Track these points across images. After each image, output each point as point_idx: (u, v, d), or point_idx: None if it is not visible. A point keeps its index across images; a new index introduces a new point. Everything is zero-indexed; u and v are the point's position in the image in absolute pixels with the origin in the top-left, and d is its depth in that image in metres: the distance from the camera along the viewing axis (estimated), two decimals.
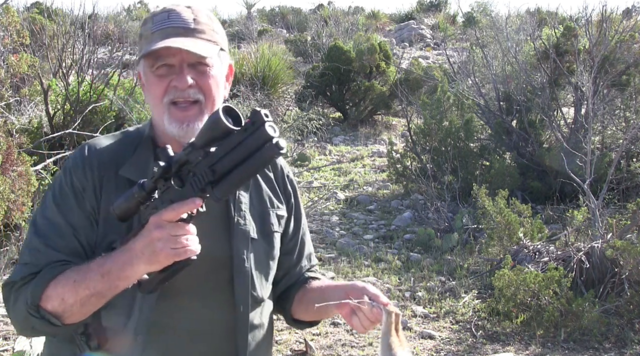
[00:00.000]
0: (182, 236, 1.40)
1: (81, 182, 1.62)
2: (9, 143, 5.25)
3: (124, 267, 1.45)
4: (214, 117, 1.37)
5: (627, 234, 5.11)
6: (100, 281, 1.47)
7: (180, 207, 1.38)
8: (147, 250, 1.41)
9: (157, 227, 1.39)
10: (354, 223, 7.31)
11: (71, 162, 1.67)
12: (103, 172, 1.63)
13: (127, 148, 1.68)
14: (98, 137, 1.75)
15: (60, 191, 1.64)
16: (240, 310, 1.67)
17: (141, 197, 1.47)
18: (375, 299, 1.56)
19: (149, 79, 1.64)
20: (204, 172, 1.37)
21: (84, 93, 7.29)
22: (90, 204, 1.61)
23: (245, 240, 1.69)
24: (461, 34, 20.05)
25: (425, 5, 26.12)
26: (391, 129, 11.84)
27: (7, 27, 6.75)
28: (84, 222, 1.60)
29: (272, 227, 1.78)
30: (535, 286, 4.65)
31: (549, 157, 7.37)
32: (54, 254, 1.57)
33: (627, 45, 8.15)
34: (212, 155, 1.37)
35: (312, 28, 18.69)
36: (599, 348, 4.49)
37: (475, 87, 8.71)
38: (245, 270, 1.68)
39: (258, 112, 1.33)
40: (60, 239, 1.59)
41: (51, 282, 1.52)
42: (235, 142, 1.34)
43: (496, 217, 5.43)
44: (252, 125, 1.32)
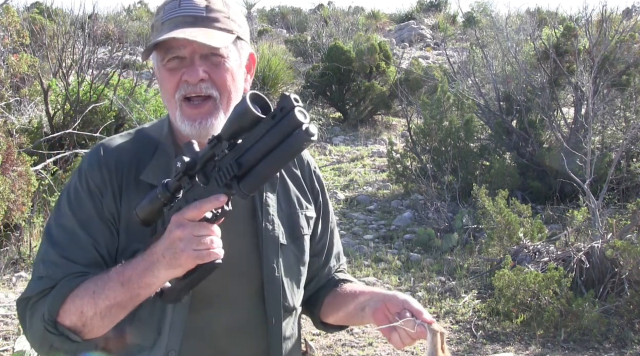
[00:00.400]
0: (206, 237, 1.30)
1: (98, 185, 1.49)
2: (9, 143, 5.26)
3: (144, 273, 1.34)
4: (240, 105, 1.26)
5: (627, 234, 5.11)
6: (120, 291, 1.36)
7: (203, 204, 1.28)
8: (168, 253, 1.30)
9: (178, 226, 1.29)
10: (354, 223, 7.31)
11: (86, 163, 1.53)
12: (122, 174, 1.51)
13: (145, 148, 1.55)
14: (112, 137, 1.61)
15: (75, 196, 1.50)
16: (273, 322, 1.57)
17: (165, 198, 1.36)
18: (418, 316, 1.44)
19: (160, 73, 1.52)
20: (229, 166, 1.27)
21: (84, 93, 7.29)
22: (110, 210, 1.49)
23: (274, 246, 1.58)
24: (461, 34, 20.05)
25: (425, 5, 26.12)
26: (391, 129, 11.83)
27: (7, 27, 6.75)
28: (103, 230, 1.48)
29: (302, 230, 1.66)
30: (535, 286, 4.65)
31: (549, 157, 7.37)
32: (71, 266, 1.45)
33: (627, 45, 8.15)
34: (239, 148, 1.27)
35: (312, 28, 18.69)
36: (599, 348, 4.49)
37: (475, 87, 8.71)
38: (276, 280, 1.57)
39: (287, 96, 1.22)
40: (78, 250, 1.46)
41: (69, 296, 1.40)
42: (263, 131, 1.24)
43: (496, 217, 5.43)
44: (280, 112, 1.21)
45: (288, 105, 1.21)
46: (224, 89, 1.50)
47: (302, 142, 1.20)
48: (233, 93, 1.52)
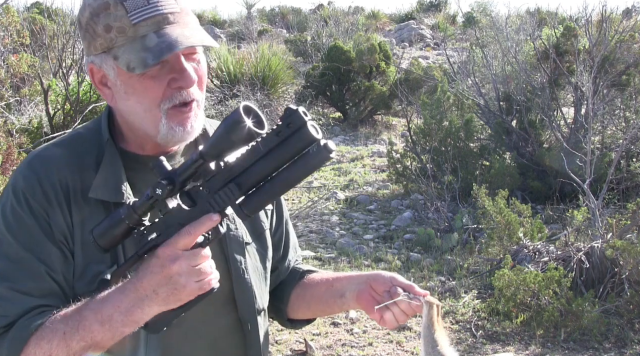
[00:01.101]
0: (203, 264, 1.19)
1: (41, 204, 1.30)
2: (9, 143, 5.26)
3: (130, 310, 1.21)
4: (233, 118, 1.14)
5: (627, 234, 5.11)
6: (99, 330, 1.22)
7: (196, 228, 1.17)
8: (163, 290, 1.18)
9: (173, 260, 1.17)
10: (354, 223, 7.31)
11: (22, 181, 1.32)
12: (67, 186, 1.33)
13: (86, 154, 1.38)
14: (44, 146, 1.41)
15: (15, 219, 1.30)
16: (249, 328, 1.50)
17: (132, 221, 1.22)
18: (410, 290, 1.40)
19: (134, 83, 1.31)
20: (229, 189, 1.16)
21: (84, 93, 7.29)
22: (60, 230, 1.31)
23: (239, 247, 1.48)
24: (461, 34, 20.04)
25: (425, 5, 26.12)
26: (391, 129, 11.83)
27: (7, 27, 6.75)
28: (55, 253, 1.31)
29: (263, 224, 1.57)
30: (535, 286, 4.65)
31: (549, 157, 7.37)
32: (26, 300, 1.27)
33: (627, 45, 8.15)
34: (233, 166, 1.16)
35: (312, 28, 18.68)
36: (599, 348, 4.49)
37: (475, 87, 8.71)
38: (245, 282, 1.48)
39: (295, 111, 1.11)
40: (30, 280, 1.28)
41: (31, 337, 1.24)
42: (265, 149, 1.12)
43: (496, 217, 5.43)
44: (288, 127, 1.11)
45: (297, 121, 1.11)
46: (203, 88, 1.38)
47: (323, 160, 1.11)
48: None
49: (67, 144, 1.41)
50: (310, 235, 6.79)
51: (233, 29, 20.10)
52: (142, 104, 1.32)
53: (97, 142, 1.40)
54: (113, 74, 1.33)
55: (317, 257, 6.10)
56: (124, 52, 1.28)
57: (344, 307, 1.54)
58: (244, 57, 12.15)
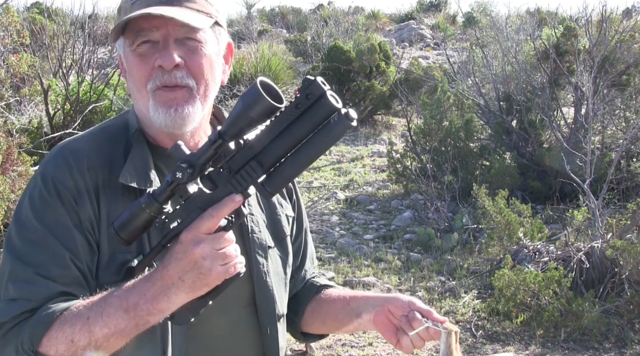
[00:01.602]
0: (227, 247, 1.17)
1: (70, 191, 1.29)
2: (9, 143, 5.26)
3: (156, 299, 1.18)
4: (251, 94, 1.09)
5: (627, 234, 5.11)
6: (124, 318, 1.19)
7: (218, 210, 1.14)
8: (189, 276, 1.15)
9: (196, 244, 1.14)
10: (354, 223, 7.31)
11: (51, 168, 1.32)
12: (96, 177, 1.32)
13: (115, 146, 1.38)
14: (72, 138, 1.42)
15: (42, 204, 1.29)
16: (268, 332, 1.48)
17: (153, 210, 1.18)
18: (428, 316, 1.36)
19: (129, 60, 1.34)
20: (250, 167, 1.12)
21: (84, 93, 7.29)
22: (87, 219, 1.30)
23: (262, 250, 1.47)
24: (461, 34, 20.04)
25: (425, 5, 26.10)
26: (391, 129, 11.84)
27: (7, 27, 6.76)
28: (81, 241, 1.30)
29: (285, 230, 1.55)
30: (535, 286, 4.65)
31: (549, 157, 7.37)
32: (50, 285, 1.26)
33: (627, 45, 8.15)
34: (253, 144, 1.12)
35: (312, 28, 18.67)
36: (599, 348, 4.49)
37: (475, 87, 8.71)
38: (267, 286, 1.47)
39: (313, 81, 1.07)
40: (55, 266, 1.27)
41: (55, 321, 1.22)
42: (286, 123, 1.09)
43: (496, 217, 5.43)
44: (307, 99, 1.07)
45: (316, 90, 1.07)
46: (200, 77, 1.34)
47: (345, 129, 1.08)
48: (210, 83, 1.36)
49: (95, 136, 1.41)
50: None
51: (233, 29, 20.10)
52: (135, 84, 1.34)
53: (124, 134, 1.40)
54: (122, 55, 1.37)
55: (317, 257, 6.09)
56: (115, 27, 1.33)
57: (360, 327, 1.52)
58: (244, 57, 12.17)
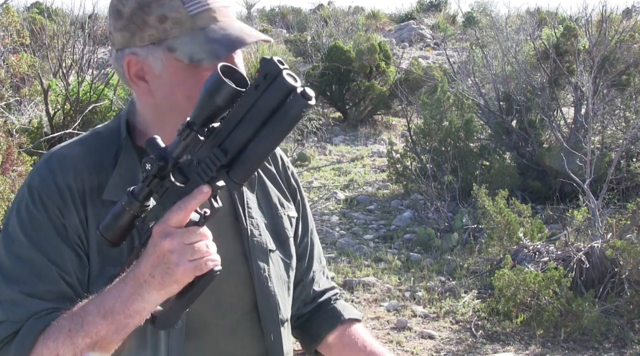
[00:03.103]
0: (199, 242, 1.11)
1: (57, 204, 1.25)
2: (9, 143, 5.26)
3: (131, 299, 1.14)
4: (212, 80, 1.04)
5: (627, 234, 5.11)
6: (103, 324, 1.15)
7: (186, 203, 1.09)
8: (157, 271, 1.10)
9: (164, 236, 1.09)
10: (354, 223, 7.31)
11: (37, 180, 1.27)
12: (84, 189, 1.28)
13: (104, 155, 1.33)
14: (62, 145, 1.36)
15: (30, 218, 1.25)
16: (271, 338, 1.43)
17: (134, 209, 1.14)
18: None
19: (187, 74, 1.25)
20: (213, 155, 1.07)
21: (84, 93, 7.29)
22: (76, 232, 1.26)
23: (263, 254, 1.42)
24: (461, 34, 20.04)
25: (425, 5, 26.11)
26: (391, 129, 11.84)
27: (7, 27, 6.76)
28: (70, 255, 1.25)
29: (287, 232, 1.51)
30: (535, 286, 4.65)
31: (549, 157, 7.37)
32: (37, 304, 1.22)
33: (627, 45, 8.16)
34: (218, 132, 1.07)
35: (312, 28, 18.67)
36: (599, 348, 4.49)
37: (475, 87, 8.71)
38: (269, 291, 1.42)
39: (269, 60, 1.02)
40: (42, 283, 1.23)
41: (39, 338, 1.18)
42: (247, 106, 1.04)
43: (496, 217, 5.43)
44: (264, 79, 1.02)
45: (273, 69, 1.01)
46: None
47: (301, 108, 1.01)
48: None
49: (85, 143, 1.35)
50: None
51: None
52: (191, 97, 1.20)
53: (115, 141, 1.35)
54: (160, 65, 1.26)
55: None
56: (183, 43, 1.23)
57: None
58: (244, 57, 12.13)
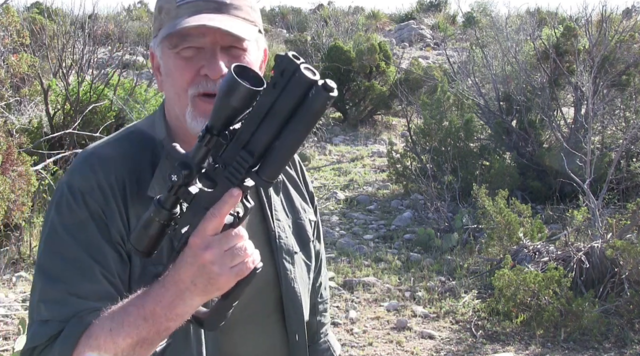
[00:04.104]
0: (237, 246, 1.12)
1: (100, 205, 1.27)
2: (9, 143, 5.26)
3: (172, 304, 1.15)
4: (227, 82, 1.05)
5: (627, 234, 5.11)
6: (144, 326, 1.16)
7: (219, 209, 1.09)
8: (200, 280, 1.12)
9: (204, 248, 1.10)
10: (354, 223, 7.31)
11: (78, 178, 1.29)
12: (124, 189, 1.30)
13: (143, 154, 1.35)
14: (98, 144, 1.39)
15: (73, 218, 1.27)
16: (296, 339, 1.46)
17: (163, 218, 1.14)
18: None
19: (169, 62, 1.31)
20: (240, 158, 1.07)
21: (84, 93, 7.29)
22: (118, 232, 1.28)
23: (289, 256, 1.45)
24: (461, 34, 20.04)
25: (425, 5, 26.11)
26: (391, 129, 11.84)
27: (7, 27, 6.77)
28: (113, 256, 1.27)
29: (309, 235, 1.54)
30: (535, 286, 4.65)
31: (549, 157, 7.37)
32: (81, 304, 1.23)
33: (627, 45, 8.16)
34: (241, 133, 1.07)
35: (312, 28, 18.67)
36: (599, 348, 4.49)
37: (475, 87, 8.71)
38: (295, 292, 1.45)
39: (284, 56, 1.02)
40: (85, 281, 1.25)
41: (82, 336, 1.20)
42: (267, 105, 1.04)
43: (496, 217, 5.43)
44: (282, 76, 1.02)
45: (289, 65, 1.02)
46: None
47: (325, 101, 1.03)
48: None
49: (122, 143, 1.37)
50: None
51: None
52: (174, 87, 1.31)
53: (151, 141, 1.37)
54: (159, 54, 1.34)
55: None
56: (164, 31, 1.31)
57: None
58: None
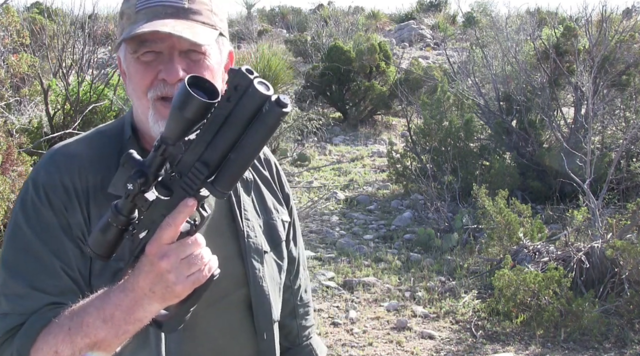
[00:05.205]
0: (194, 254, 1.13)
1: (62, 199, 1.29)
2: (9, 143, 5.26)
3: (131, 309, 1.17)
4: (179, 93, 1.05)
5: (627, 234, 5.11)
6: (103, 328, 1.18)
7: (174, 218, 1.10)
8: (158, 288, 1.13)
9: (160, 257, 1.11)
10: (354, 223, 7.31)
11: (43, 175, 1.31)
12: (87, 185, 1.31)
13: (108, 154, 1.36)
14: (66, 142, 1.40)
15: (35, 213, 1.29)
16: (264, 337, 1.49)
17: (120, 223, 1.15)
18: None
19: (130, 67, 1.33)
20: (195, 169, 1.09)
21: (84, 93, 7.29)
22: (79, 229, 1.29)
23: (258, 255, 1.48)
24: (461, 34, 20.04)
25: (425, 5, 26.12)
26: (391, 129, 11.84)
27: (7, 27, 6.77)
28: (73, 250, 1.29)
29: (281, 235, 1.56)
30: (535, 286, 4.65)
31: (549, 157, 7.37)
32: (42, 298, 1.26)
33: (627, 45, 8.15)
34: (196, 144, 1.08)
35: (312, 28, 18.69)
36: (599, 348, 4.49)
37: (475, 87, 8.71)
38: (263, 291, 1.48)
39: (237, 70, 1.03)
40: (47, 277, 1.27)
41: (40, 333, 1.22)
42: (221, 118, 1.05)
43: (496, 217, 5.43)
44: (235, 90, 1.04)
45: (243, 80, 1.03)
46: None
47: (277, 116, 1.03)
48: None
49: (89, 141, 1.40)
50: (310, 235, 6.79)
51: (233, 29, 20.09)
52: (135, 91, 1.34)
53: (119, 140, 1.39)
54: (122, 58, 1.37)
55: (317, 257, 6.10)
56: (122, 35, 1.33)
57: None
58: (244, 57, 12.16)
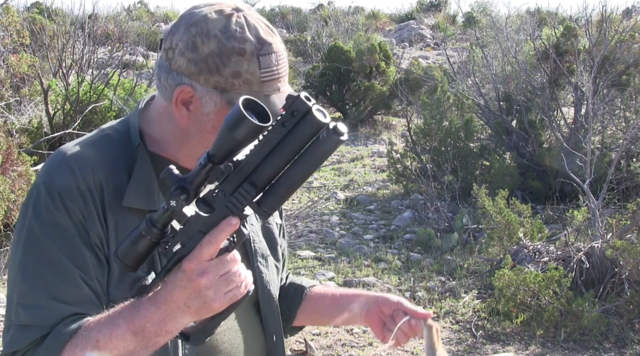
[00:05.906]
0: (232, 271, 1.15)
1: (79, 206, 1.26)
2: (9, 143, 5.26)
3: (163, 322, 1.17)
4: (233, 115, 1.08)
5: (627, 234, 5.11)
6: (132, 340, 1.18)
7: (216, 236, 1.12)
8: (194, 303, 1.15)
9: (200, 274, 1.13)
10: (354, 223, 7.31)
11: (58, 180, 1.27)
12: (102, 194, 1.29)
13: (118, 159, 1.34)
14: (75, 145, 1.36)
15: (51, 222, 1.25)
16: (274, 340, 1.54)
17: (153, 236, 1.16)
18: (414, 315, 1.49)
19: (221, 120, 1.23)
20: (243, 189, 1.11)
21: (84, 93, 7.30)
22: (96, 234, 1.27)
23: (263, 259, 1.52)
24: (461, 34, 20.04)
25: (425, 5, 26.10)
26: (391, 129, 11.84)
27: (7, 27, 6.77)
28: (91, 258, 1.27)
29: (277, 238, 1.60)
30: (535, 286, 4.65)
31: (549, 157, 7.37)
32: (63, 308, 1.23)
33: (627, 45, 8.15)
34: (244, 165, 1.11)
35: (312, 28, 18.68)
36: (599, 348, 4.49)
37: (475, 87, 8.71)
38: (271, 295, 1.52)
39: (297, 97, 1.06)
40: (65, 285, 1.24)
41: (66, 345, 1.20)
42: (274, 142, 1.08)
43: (496, 217, 5.43)
44: (292, 116, 1.07)
45: (301, 107, 1.06)
46: None
47: (334, 144, 1.07)
48: None
49: (99, 145, 1.36)
50: (310, 235, 6.79)
51: None
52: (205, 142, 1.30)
53: (127, 145, 1.36)
54: (212, 108, 1.30)
55: (317, 257, 6.11)
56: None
57: (350, 321, 1.63)
58: None
